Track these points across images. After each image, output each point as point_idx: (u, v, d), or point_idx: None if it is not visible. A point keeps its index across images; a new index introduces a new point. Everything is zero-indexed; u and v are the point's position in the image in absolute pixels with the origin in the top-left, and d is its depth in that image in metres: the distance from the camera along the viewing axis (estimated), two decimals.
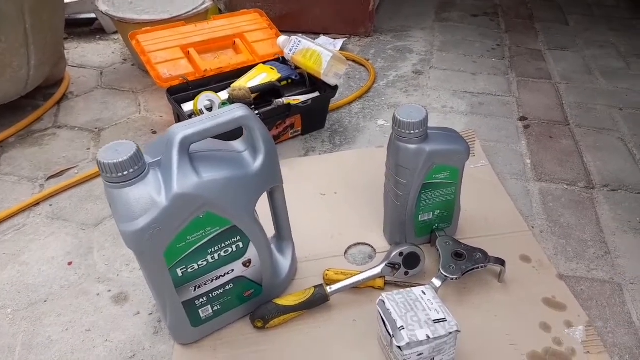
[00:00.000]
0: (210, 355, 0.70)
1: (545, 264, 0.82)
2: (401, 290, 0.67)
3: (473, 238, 0.85)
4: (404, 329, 0.61)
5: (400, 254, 0.76)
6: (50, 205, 0.98)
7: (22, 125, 1.20)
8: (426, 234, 0.83)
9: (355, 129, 1.19)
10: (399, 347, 0.61)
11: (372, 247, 0.86)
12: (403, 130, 0.72)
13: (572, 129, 1.19)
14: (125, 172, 0.55)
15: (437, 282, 0.73)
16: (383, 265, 0.76)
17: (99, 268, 0.84)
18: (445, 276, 0.73)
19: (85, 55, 1.53)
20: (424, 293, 0.66)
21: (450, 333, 0.62)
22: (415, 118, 0.71)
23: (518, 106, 1.28)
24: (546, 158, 1.09)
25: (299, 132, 1.15)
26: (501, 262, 0.77)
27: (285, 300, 0.72)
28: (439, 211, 0.81)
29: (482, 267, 0.76)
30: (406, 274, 0.77)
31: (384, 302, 0.65)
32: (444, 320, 0.62)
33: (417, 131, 0.71)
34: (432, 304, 0.65)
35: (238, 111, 0.61)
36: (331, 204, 0.95)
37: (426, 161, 0.73)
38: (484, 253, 0.77)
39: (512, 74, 1.44)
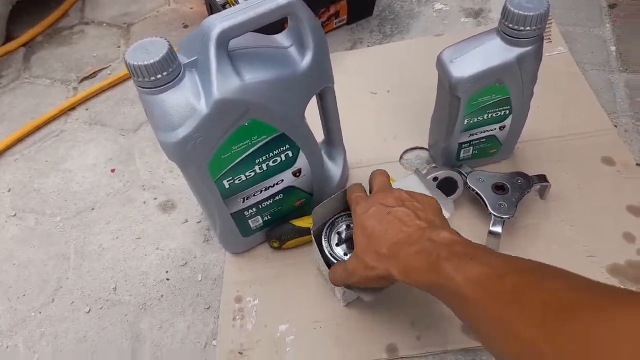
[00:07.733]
0: (262, 264, 0.68)
1: (631, 166, 0.72)
2: None
3: (547, 139, 0.75)
4: None
5: (435, 178, 0.67)
6: (87, 109, 0.93)
7: (48, 22, 1.12)
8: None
9: (408, 15, 1.05)
10: None
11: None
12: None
13: None
14: (159, 76, 0.48)
15: (497, 228, 0.61)
16: None
17: (142, 175, 0.81)
18: (501, 217, 0.62)
19: None
20: None
21: None
22: None
23: None
24: (636, 44, 0.93)
25: (344, 21, 1.02)
26: (543, 178, 0.67)
27: (302, 222, 0.66)
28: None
29: (527, 192, 0.64)
30: None
31: None
32: None
33: None
34: None
35: None
36: (383, 103, 0.86)
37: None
38: (524, 175, 0.66)
39: None
